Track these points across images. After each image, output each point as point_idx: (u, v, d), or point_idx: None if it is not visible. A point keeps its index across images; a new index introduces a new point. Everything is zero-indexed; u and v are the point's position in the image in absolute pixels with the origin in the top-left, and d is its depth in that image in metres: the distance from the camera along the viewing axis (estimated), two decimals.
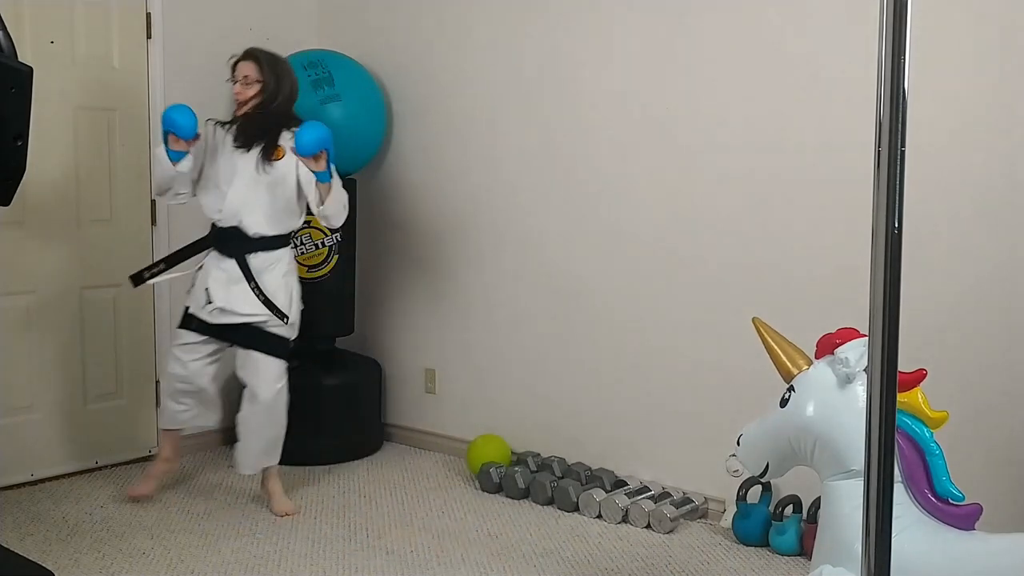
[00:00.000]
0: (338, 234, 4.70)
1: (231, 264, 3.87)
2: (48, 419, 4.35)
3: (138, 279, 4.04)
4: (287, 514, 3.97)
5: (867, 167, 1.69)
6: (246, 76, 3.91)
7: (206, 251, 3.99)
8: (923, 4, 1.70)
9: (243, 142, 3.89)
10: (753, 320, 2.72)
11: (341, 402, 4.72)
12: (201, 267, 3.96)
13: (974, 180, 3.30)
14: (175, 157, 3.84)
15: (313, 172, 3.74)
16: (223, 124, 4.00)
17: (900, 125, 1.52)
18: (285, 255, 3.96)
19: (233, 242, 3.87)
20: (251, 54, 3.94)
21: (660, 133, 4.02)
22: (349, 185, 4.82)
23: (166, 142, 3.82)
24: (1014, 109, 3.21)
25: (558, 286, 4.39)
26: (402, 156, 4.96)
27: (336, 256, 4.73)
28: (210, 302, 3.86)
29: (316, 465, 4.60)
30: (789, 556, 3.58)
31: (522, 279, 4.51)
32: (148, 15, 4.55)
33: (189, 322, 3.96)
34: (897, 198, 1.53)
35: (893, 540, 1.62)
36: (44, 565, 2.91)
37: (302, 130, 3.74)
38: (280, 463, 4.19)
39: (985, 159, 3.28)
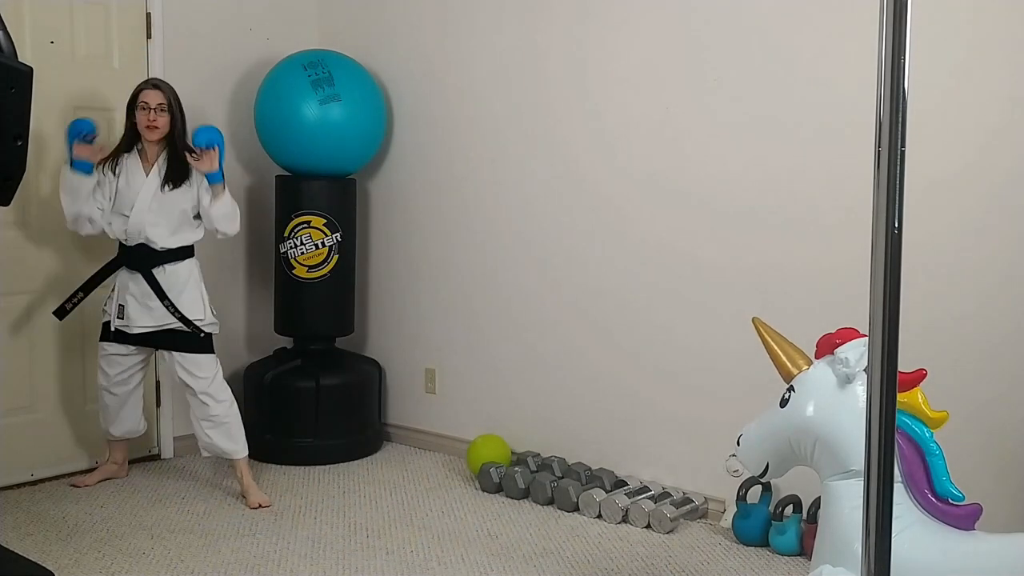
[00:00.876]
0: (338, 234, 4.71)
1: (141, 279, 4.03)
2: (48, 419, 4.35)
3: (61, 312, 4.10)
4: (261, 505, 4.05)
5: (867, 167, 1.69)
6: (159, 104, 4.01)
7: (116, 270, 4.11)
8: (923, 4, 1.70)
9: (174, 175, 4.02)
10: (753, 320, 2.73)
11: (341, 402, 4.72)
12: (114, 287, 4.11)
13: (974, 180, 3.30)
14: (83, 168, 3.94)
15: (205, 174, 3.97)
16: (111, 159, 4.07)
17: (900, 125, 1.52)
18: (192, 265, 4.14)
19: (141, 257, 4.04)
20: (155, 84, 4.06)
21: (660, 133, 4.02)
22: (349, 185, 4.84)
23: (71, 158, 3.94)
24: (1014, 109, 3.21)
25: (558, 286, 4.39)
26: (402, 156, 4.96)
27: (336, 256, 4.73)
28: (120, 317, 4.05)
29: (316, 465, 4.60)
30: (789, 556, 3.58)
31: (522, 279, 4.51)
32: (148, 15, 4.55)
33: (108, 334, 4.11)
34: (897, 198, 1.53)
35: (893, 540, 1.62)
36: (44, 565, 2.91)
37: (200, 128, 4.05)
38: (280, 463, 4.21)
39: (985, 159, 3.28)
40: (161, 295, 4.00)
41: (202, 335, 4.08)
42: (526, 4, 4.41)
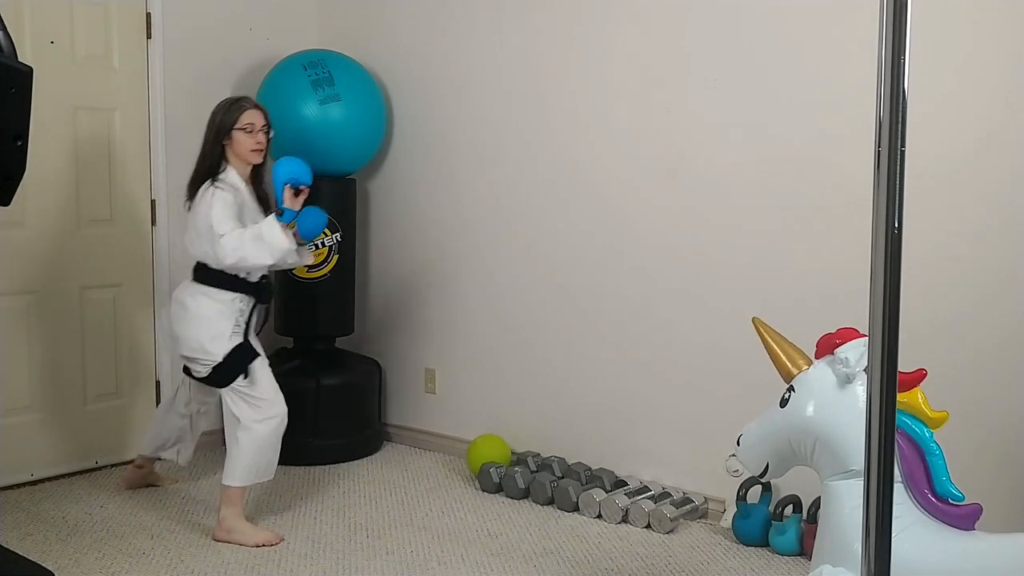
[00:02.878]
0: (338, 234, 4.71)
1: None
2: (48, 419, 4.35)
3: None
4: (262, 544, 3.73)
5: (867, 167, 1.69)
6: (264, 126, 3.79)
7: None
8: (923, 4, 1.70)
9: (262, 198, 3.84)
10: (753, 320, 2.73)
11: (341, 402, 4.72)
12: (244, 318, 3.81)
13: (974, 179, 3.30)
14: (288, 218, 3.65)
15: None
16: (230, 180, 3.75)
17: (900, 125, 1.52)
18: None
19: (266, 290, 3.88)
20: (255, 103, 3.83)
21: (660, 133, 4.02)
22: (349, 185, 4.84)
23: (280, 202, 3.65)
24: (1014, 108, 3.21)
25: (558, 286, 4.39)
26: (402, 156, 4.96)
27: (336, 256, 4.73)
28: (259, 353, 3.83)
29: (316, 465, 4.60)
30: (789, 556, 3.58)
31: (522, 279, 4.51)
32: (148, 15, 4.55)
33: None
34: (897, 198, 1.53)
35: (893, 540, 1.62)
36: (44, 565, 2.90)
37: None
38: (280, 463, 4.16)
39: (985, 158, 3.28)
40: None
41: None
42: (526, 4, 4.41)
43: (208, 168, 3.73)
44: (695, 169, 3.93)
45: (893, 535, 1.62)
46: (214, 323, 3.71)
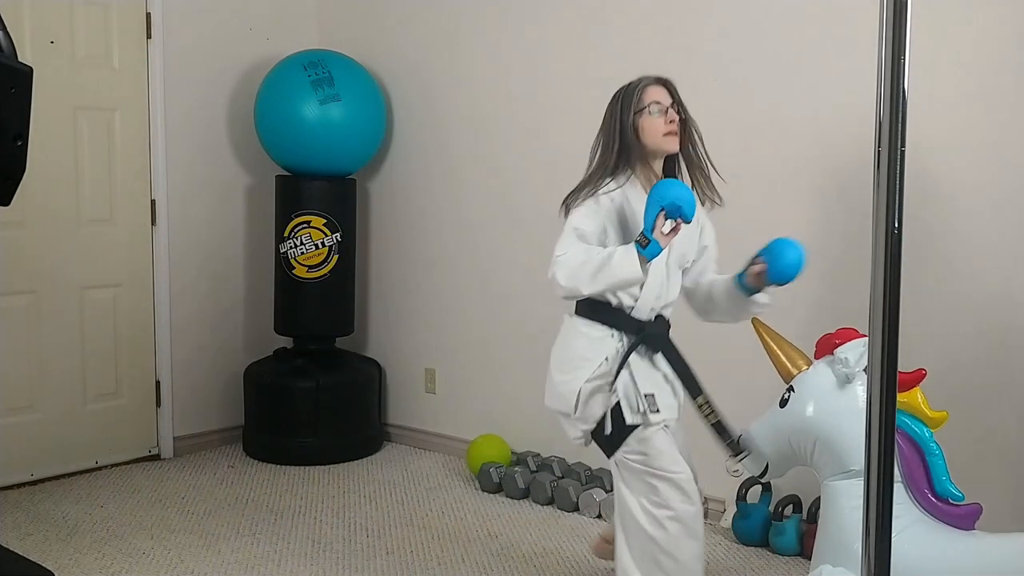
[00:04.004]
0: (338, 234, 4.71)
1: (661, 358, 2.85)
2: (48, 419, 4.35)
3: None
4: None
5: (867, 167, 1.69)
6: (672, 103, 2.84)
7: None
8: (923, 4, 1.70)
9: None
10: (753, 321, 2.73)
11: (341, 402, 4.72)
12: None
13: (974, 179, 3.30)
14: (654, 253, 2.60)
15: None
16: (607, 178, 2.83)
17: (900, 125, 1.52)
18: None
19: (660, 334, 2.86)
20: (662, 80, 2.90)
21: None
22: (349, 185, 4.84)
23: (650, 231, 2.59)
24: (1014, 108, 3.21)
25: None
26: (402, 156, 4.96)
27: (336, 256, 4.73)
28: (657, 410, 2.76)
29: (316, 465, 4.60)
30: (789, 556, 3.58)
31: (522, 279, 4.51)
32: (148, 15, 4.55)
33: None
34: (897, 198, 1.53)
35: (893, 540, 1.62)
36: (44, 565, 2.90)
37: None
38: (280, 463, 4.18)
39: (985, 158, 3.28)
40: (691, 377, 2.86)
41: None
42: (526, 4, 4.41)
43: (604, 171, 2.84)
44: None
45: (893, 535, 1.62)
46: (576, 364, 2.85)
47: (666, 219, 2.60)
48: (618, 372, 2.74)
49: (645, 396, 2.76)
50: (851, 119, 3.45)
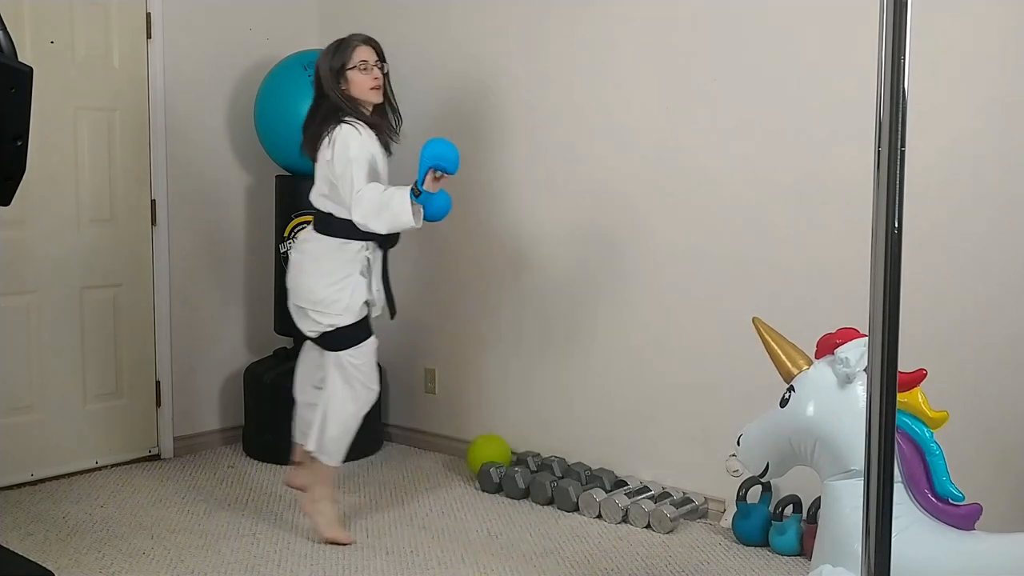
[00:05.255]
0: None
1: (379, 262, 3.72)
2: (48, 419, 4.35)
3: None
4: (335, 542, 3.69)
5: (867, 167, 1.69)
6: (377, 62, 3.64)
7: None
8: (923, 4, 1.70)
9: (384, 141, 3.71)
10: (753, 320, 2.73)
11: None
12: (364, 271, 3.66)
13: (974, 179, 3.30)
14: (422, 200, 3.51)
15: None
16: (360, 120, 3.61)
17: (900, 125, 1.52)
18: None
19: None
20: (368, 39, 3.68)
21: (660, 132, 4.02)
22: None
23: (421, 183, 3.48)
24: (1014, 108, 3.21)
25: (558, 285, 4.39)
26: (402, 156, 4.94)
27: None
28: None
29: None
30: (789, 556, 3.58)
31: (522, 279, 4.51)
32: (148, 15, 4.55)
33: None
34: (897, 198, 1.53)
35: (893, 540, 1.62)
36: (44, 565, 2.90)
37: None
38: (280, 463, 4.18)
39: (985, 158, 3.28)
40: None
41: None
42: (527, 4, 4.41)
43: (330, 111, 3.57)
44: (695, 169, 3.93)
45: (893, 535, 1.62)
46: (338, 277, 3.58)
47: (435, 173, 3.46)
48: (370, 280, 3.61)
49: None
50: (851, 119, 3.45)
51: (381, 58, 3.68)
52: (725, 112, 3.84)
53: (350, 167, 3.49)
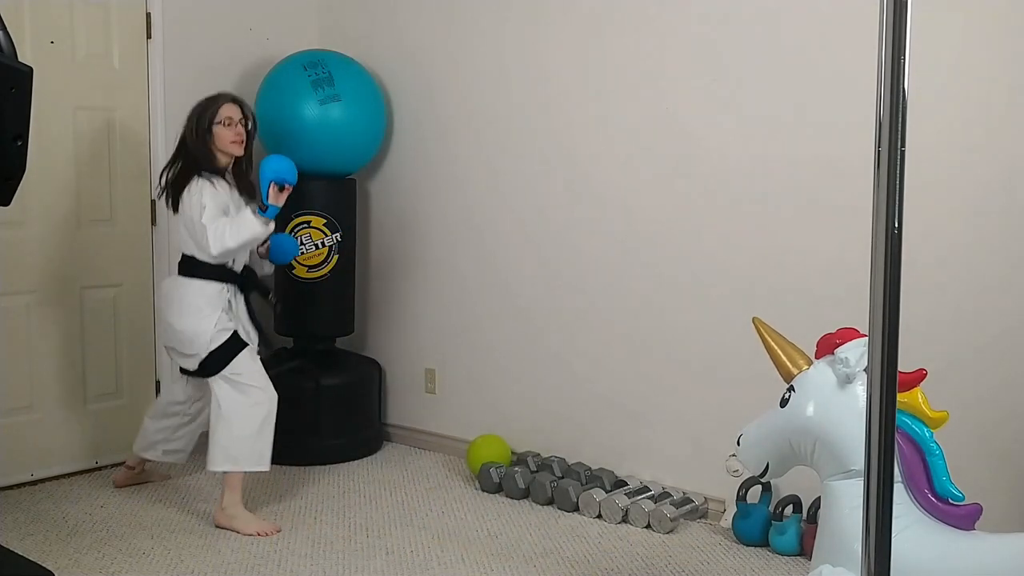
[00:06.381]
0: (338, 234, 4.71)
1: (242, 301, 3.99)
2: (48, 419, 4.35)
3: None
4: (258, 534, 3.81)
5: (867, 167, 1.69)
6: (242, 119, 3.87)
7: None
8: (923, 4, 1.70)
9: (247, 193, 3.93)
10: (753, 320, 2.73)
11: (341, 402, 4.72)
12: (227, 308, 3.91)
13: (974, 179, 3.30)
14: (272, 214, 3.80)
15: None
16: (216, 174, 3.85)
17: (900, 125, 1.52)
18: None
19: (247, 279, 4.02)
20: (232, 96, 3.92)
21: (660, 132, 4.02)
22: (349, 185, 4.84)
23: (265, 198, 3.78)
24: (1013, 108, 3.21)
25: (558, 286, 4.39)
26: (402, 156, 4.96)
27: (336, 256, 4.73)
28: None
29: (316, 465, 4.60)
30: (789, 556, 3.58)
31: (522, 279, 4.51)
32: (148, 15, 4.55)
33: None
34: (897, 198, 1.53)
35: (893, 540, 1.62)
36: (44, 565, 2.91)
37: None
38: (280, 463, 4.16)
39: (985, 158, 3.28)
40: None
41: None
42: (527, 4, 4.41)
43: (191, 164, 3.82)
44: (695, 169, 3.93)
45: (893, 535, 1.62)
46: (204, 314, 3.80)
47: (277, 187, 3.77)
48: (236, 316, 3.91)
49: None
50: (851, 119, 3.45)
51: (246, 116, 3.91)
52: (725, 112, 3.84)
53: (203, 212, 3.74)
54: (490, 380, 4.69)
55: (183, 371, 4.00)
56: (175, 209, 3.87)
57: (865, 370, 2.19)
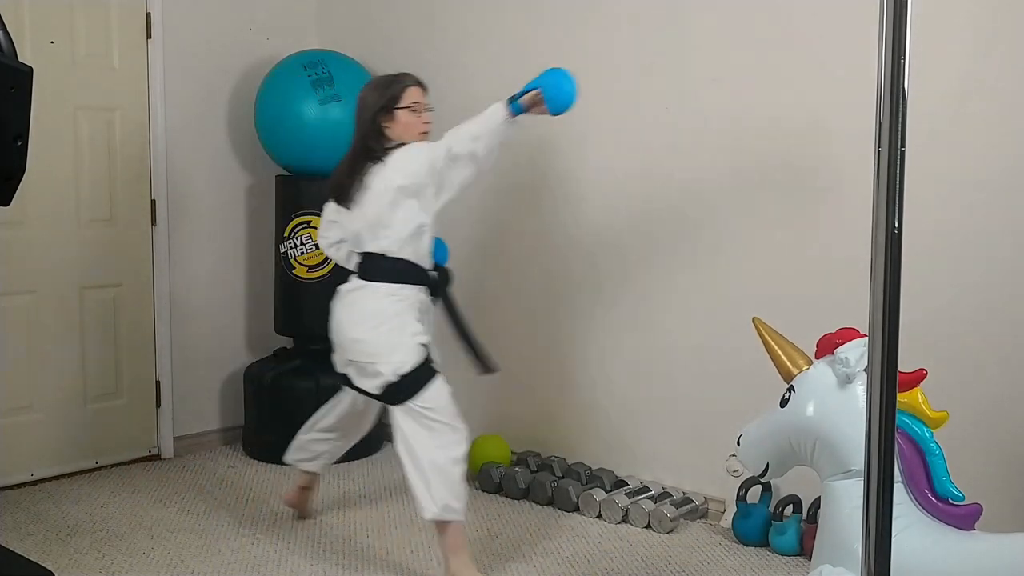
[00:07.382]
0: None
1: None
2: (48, 419, 4.35)
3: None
4: None
5: (867, 166, 1.69)
6: (428, 104, 3.48)
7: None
8: (923, 4, 1.70)
9: None
10: (753, 320, 2.73)
11: None
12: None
13: (974, 179, 3.30)
14: (516, 110, 3.23)
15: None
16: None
17: (900, 125, 1.52)
18: None
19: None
20: (419, 80, 3.51)
21: (660, 132, 4.02)
22: None
23: (518, 98, 3.22)
24: (1013, 108, 3.21)
25: (558, 285, 4.39)
26: None
27: None
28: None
29: None
30: (789, 556, 3.58)
31: (521, 279, 4.51)
32: (148, 15, 4.55)
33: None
34: (897, 198, 1.53)
35: (893, 540, 1.62)
36: (44, 565, 2.90)
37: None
38: (281, 463, 4.16)
39: (985, 158, 3.28)
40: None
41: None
42: (525, 4, 4.41)
43: (363, 152, 3.31)
44: (695, 168, 3.93)
45: (893, 535, 1.62)
46: (392, 321, 3.28)
47: (534, 99, 3.18)
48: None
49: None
50: (851, 119, 3.45)
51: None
52: (725, 111, 3.84)
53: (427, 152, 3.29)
54: (490, 380, 4.67)
55: (349, 385, 3.49)
56: (348, 204, 3.36)
57: (865, 370, 2.19)
